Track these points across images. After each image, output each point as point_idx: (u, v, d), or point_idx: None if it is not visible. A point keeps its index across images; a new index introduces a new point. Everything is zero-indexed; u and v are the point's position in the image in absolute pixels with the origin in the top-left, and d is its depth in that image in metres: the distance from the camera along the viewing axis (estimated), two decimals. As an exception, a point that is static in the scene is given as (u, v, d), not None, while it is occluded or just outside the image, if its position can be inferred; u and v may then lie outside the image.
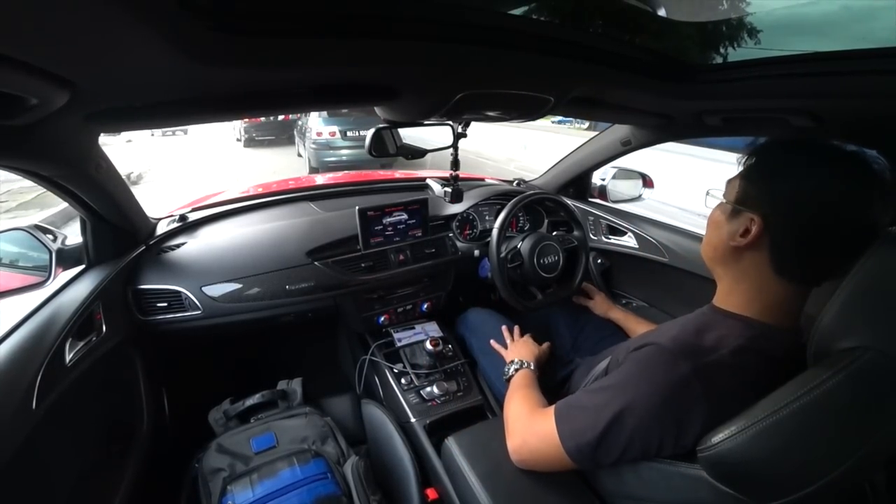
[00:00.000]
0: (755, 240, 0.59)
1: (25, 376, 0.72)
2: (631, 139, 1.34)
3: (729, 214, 0.63)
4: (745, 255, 0.61)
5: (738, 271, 0.63)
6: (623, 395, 0.60)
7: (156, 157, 8.65)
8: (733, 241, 0.61)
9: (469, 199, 1.50)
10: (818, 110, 0.77)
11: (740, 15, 0.74)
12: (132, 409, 1.09)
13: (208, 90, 0.60)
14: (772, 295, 0.61)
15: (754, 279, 0.62)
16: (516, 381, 0.91)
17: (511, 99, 0.79)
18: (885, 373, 0.46)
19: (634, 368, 0.61)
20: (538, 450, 0.71)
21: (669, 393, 0.56)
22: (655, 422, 0.57)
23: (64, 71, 0.45)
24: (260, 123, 10.25)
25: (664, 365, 0.57)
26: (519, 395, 0.85)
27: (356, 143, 6.42)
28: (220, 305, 1.12)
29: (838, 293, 0.52)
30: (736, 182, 0.64)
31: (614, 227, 1.53)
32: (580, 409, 0.65)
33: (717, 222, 0.66)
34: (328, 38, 0.50)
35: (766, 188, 0.59)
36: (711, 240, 0.67)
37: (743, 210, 0.61)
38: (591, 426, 0.61)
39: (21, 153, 0.65)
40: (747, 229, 0.60)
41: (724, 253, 0.64)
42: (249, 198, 1.47)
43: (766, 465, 0.50)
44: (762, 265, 0.60)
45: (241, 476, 0.94)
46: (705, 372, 0.55)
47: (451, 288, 1.49)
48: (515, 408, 0.81)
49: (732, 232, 0.62)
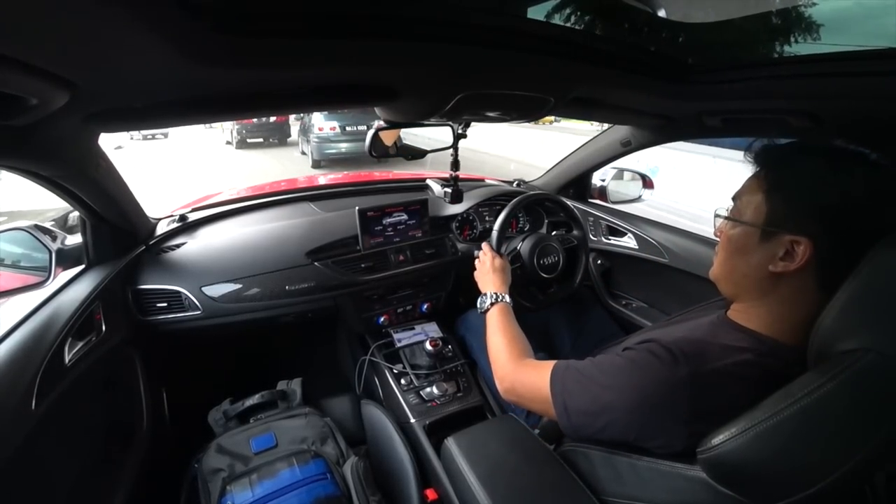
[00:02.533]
0: (804, 263, 0.53)
1: (25, 376, 0.72)
2: (631, 140, 1.34)
3: (758, 238, 0.57)
4: (784, 279, 0.56)
5: (774, 297, 0.58)
6: (616, 380, 0.60)
7: (142, 163, 8.36)
8: (774, 267, 0.55)
9: (469, 200, 1.50)
10: (817, 111, 0.77)
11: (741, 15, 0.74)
12: (132, 409, 1.09)
13: (208, 91, 0.60)
14: (807, 313, 0.55)
15: (791, 301, 0.57)
16: (495, 318, 0.91)
17: (511, 99, 0.79)
18: (885, 375, 0.46)
19: (636, 358, 0.60)
20: (526, 397, 0.75)
21: (660, 391, 0.56)
22: (638, 415, 0.57)
23: (64, 71, 0.45)
24: (252, 124, 10.10)
25: (662, 364, 0.56)
26: (502, 333, 0.87)
27: (353, 137, 7.17)
28: (219, 306, 1.12)
29: (839, 295, 0.52)
30: (755, 198, 0.58)
31: (614, 227, 1.53)
32: (576, 380, 0.65)
33: (742, 247, 0.59)
34: (328, 39, 0.50)
35: (810, 202, 0.53)
36: (738, 268, 0.60)
37: (779, 231, 0.55)
38: (581, 398, 0.63)
39: (21, 153, 0.65)
40: (788, 252, 0.54)
41: (757, 281, 0.58)
42: (249, 198, 1.47)
43: (766, 467, 0.50)
44: (805, 286, 0.55)
45: (241, 476, 0.94)
46: (703, 379, 0.54)
47: (451, 288, 1.49)
48: (501, 347, 0.84)
49: (768, 258, 0.56)
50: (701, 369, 0.54)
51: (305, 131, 8.30)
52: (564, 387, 0.66)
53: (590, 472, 0.74)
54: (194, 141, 12.33)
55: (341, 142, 7.31)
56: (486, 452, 0.81)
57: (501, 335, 0.87)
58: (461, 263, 1.43)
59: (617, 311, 1.51)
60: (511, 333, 0.87)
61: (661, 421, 0.56)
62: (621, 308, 1.50)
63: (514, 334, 0.87)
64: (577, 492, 0.73)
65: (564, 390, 0.66)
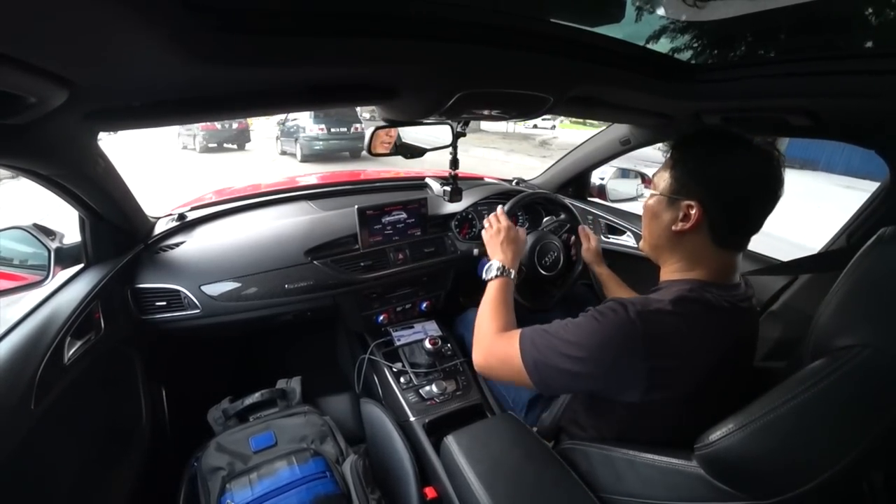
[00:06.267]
0: (696, 223, 0.66)
1: (24, 375, 0.72)
2: (630, 138, 1.34)
3: (665, 205, 0.70)
4: (685, 237, 0.69)
5: (680, 251, 0.71)
6: (580, 332, 0.67)
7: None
8: (675, 226, 0.68)
9: (468, 198, 1.50)
10: (816, 109, 0.77)
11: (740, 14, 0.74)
12: (131, 407, 1.09)
13: (207, 89, 0.60)
14: (713, 262, 0.69)
15: (695, 254, 0.69)
16: (493, 293, 0.92)
17: (510, 98, 0.79)
18: (882, 370, 0.46)
19: (594, 314, 0.67)
20: (496, 367, 0.79)
21: (618, 334, 0.63)
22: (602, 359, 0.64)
23: (62, 70, 0.45)
24: (216, 130, 10.77)
25: (616, 312, 0.64)
26: (492, 308, 0.88)
27: (336, 136, 8.81)
28: (218, 304, 1.12)
29: (835, 291, 0.52)
30: (664, 174, 0.71)
31: (613, 226, 1.53)
32: (543, 338, 0.71)
33: (654, 213, 0.72)
34: (327, 37, 0.50)
35: (699, 175, 0.66)
36: (653, 230, 0.73)
37: (679, 198, 0.68)
38: (549, 353, 0.69)
39: (20, 152, 0.65)
40: (686, 215, 0.67)
41: (667, 239, 0.71)
42: (248, 197, 1.47)
43: (763, 463, 0.51)
44: (703, 242, 0.68)
45: (241, 475, 0.94)
46: (647, 315, 0.62)
47: (450, 287, 1.49)
48: (486, 322, 0.86)
49: (672, 219, 0.69)
50: (646, 309, 0.63)
51: (289, 133, 9.61)
52: (533, 344, 0.71)
53: (588, 470, 0.75)
54: (147, 145, 12.06)
55: (327, 140, 8.81)
56: (486, 450, 0.81)
57: (491, 308, 0.88)
58: (460, 262, 1.43)
59: None
60: (500, 309, 0.88)
61: (623, 360, 0.63)
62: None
63: (502, 310, 0.88)
64: (576, 489, 0.73)
65: (533, 347, 0.71)
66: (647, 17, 0.92)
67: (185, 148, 11.55)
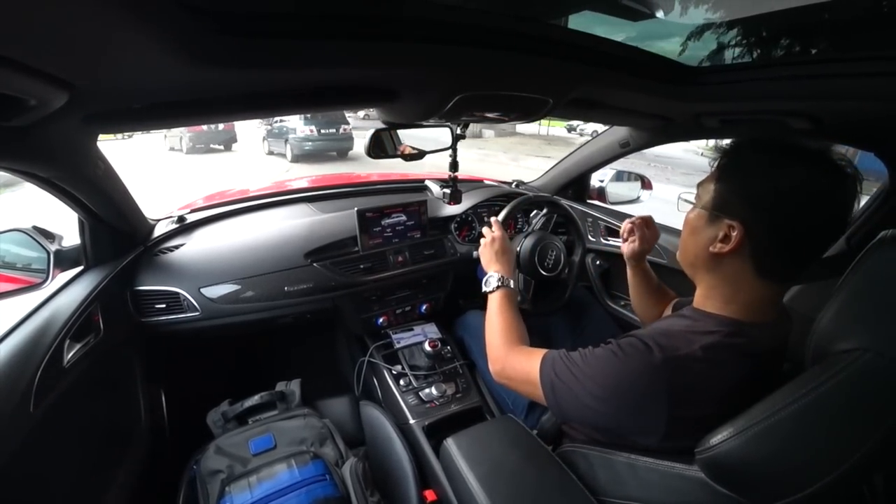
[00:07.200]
0: (737, 246, 0.58)
1: (23, 378, 0.72)
2: (629, 141, 1.34)
3: (707, 220, 0.62)
4: (724, 261, 0.61)
5: (718, 276, 0.63)
6: (600, 368, 0.63)
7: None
8: (713, 247, 0.61)
9: (468, 201, 1.50)
10: (816, 112, 0.77)
11: (740, 17, 0.74)
12: (130, 410, 1.09)
13: (208, 92, 0.60)
14: (751, 295, 0.61)
15: (734, 282, 0.61)
16: (497, 302, 0.91)
17: (509, 100, 0.79)
18: (883, 374, 0.46)
19: (616, 350, 0.63)
20: (516, 380, 0.77)
21: (640, 377, 0.58)
22: (620, 400, 0.60)
23: (63, 72, 0.45)
24: (202, 132, 10.93)
25: (639, 352, 0.59)
26: (501, 318, 0.88)
27: (326, 137, 9.24)
28: (218, 307, 1.12)
29: (836, 295, 0.52)
30: (710, 186, 0.62)
31: (613, 228, 1.53)
32: (564, 367, 0.68)
33: (694, 228, 0.65)
34: (327, 40, 0.50)
35: (744, 191, 0.58)
36: (689, 247, 0.66)
37: (720, 216, 0.60)
38: (567, 384, 0.65)
39: (19, 154, 0.65)
40: (727, 235, 0.59)
41: (704, 260, 0.64)
42: (247, 199, 1.47)
43: (764, 467, 0.50)
44: (743, 269, 0.60)
45: (240, 478, 0.94)
46: (674, 363, 0.57)
47: (450, 289, 1.49)
48: (498, 331, 0.85)
49: (711, 238, 0.61)
50: (674, 354, 0.58)
51: (277, 134, 10.01)
52: (554, 371, 0.68)
53: (588, 473, 0.74)
54: (138, 148, 12.28)
55: (317, 141, 9.20)
56: (486, 453, 0.81)
57: (500, 319, 0.88)
58: (460, 264, 1.43)
59: (616, 311, 1.51)
60: (510, 319, 0.88)
61: (643, 407, 0.58)
62: (620, 308, 1.50)
63: (512, 320, 0.88)
64: (576, 492, 0.73)
65: (553, 375, 0.68)
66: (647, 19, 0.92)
67: (172, 149, 11.71)
